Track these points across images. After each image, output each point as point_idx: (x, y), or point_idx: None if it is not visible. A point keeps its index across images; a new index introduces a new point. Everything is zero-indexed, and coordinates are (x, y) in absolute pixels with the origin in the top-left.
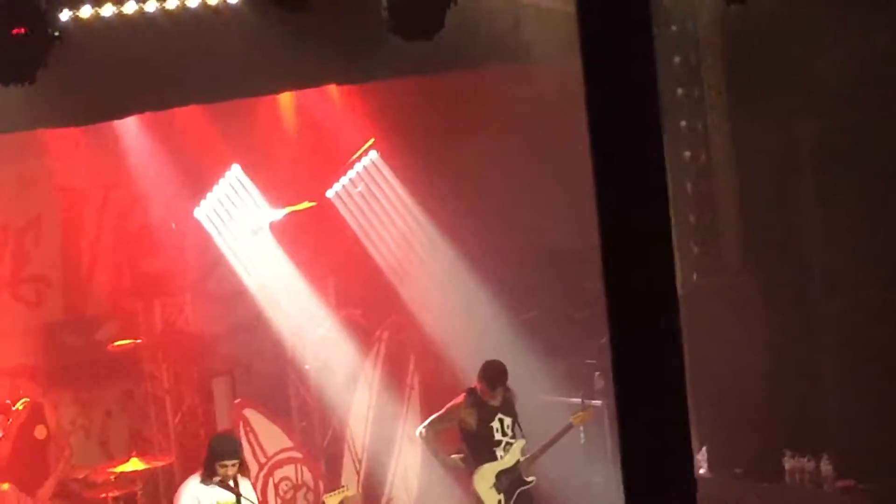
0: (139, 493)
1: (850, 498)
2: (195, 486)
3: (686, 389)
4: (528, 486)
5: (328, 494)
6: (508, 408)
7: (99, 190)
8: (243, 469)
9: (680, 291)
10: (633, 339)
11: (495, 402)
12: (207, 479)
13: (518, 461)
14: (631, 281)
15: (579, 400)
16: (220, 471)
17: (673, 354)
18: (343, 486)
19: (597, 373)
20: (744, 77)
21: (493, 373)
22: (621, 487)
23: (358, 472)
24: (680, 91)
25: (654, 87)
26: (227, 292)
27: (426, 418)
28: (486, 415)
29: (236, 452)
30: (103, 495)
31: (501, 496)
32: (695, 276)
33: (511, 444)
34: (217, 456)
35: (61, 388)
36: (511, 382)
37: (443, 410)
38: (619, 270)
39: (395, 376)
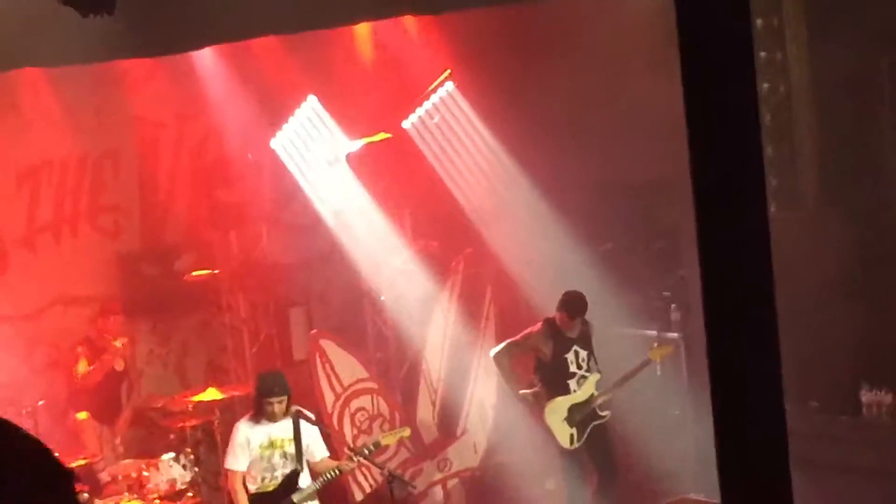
0: (216, 422)
1: None
2: (245, 427)
3: (777, 323)
4: (602, 421)
5: (385, 434)
6: (585, 341)
7: (175, 121)
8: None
9: None
10: (723, 272)
11: (572, 334)
12: (256, 417)
13: (592, 395)
14: (722, 214)
15: (655, 333)
16: (268, 408)
17: (764, 287)
18: (402, 427)
19: (672, 305)
20: (823, 7)
21: (574, 303)
22: (698, 420)
23: (433, 403)
24: (759, 22)
25: (747, 18)
26: (304, 223)
27: None
28: (561, 345)
29: (282, 389)
30: (181, 424)
31: (574, 430)
32: (773, 209)
33: (585, 377)
34: (263, 393)
35: (139, 318)
36: (587, 315)
37: (519, 336)
38: (709, 203)
39: (471, 308)
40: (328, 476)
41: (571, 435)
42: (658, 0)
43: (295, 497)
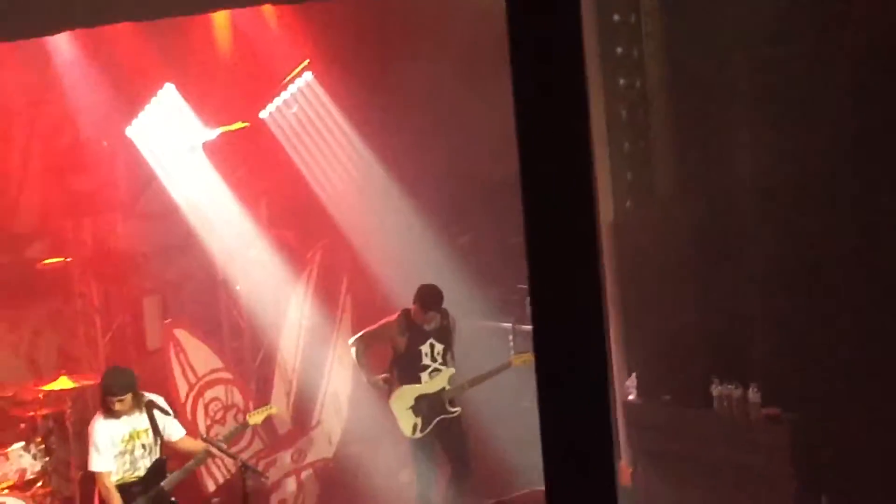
0: (68, 411)
1: (774, 425)
2: (103, 425)
3: (605, 326)
4: (450, 416)
5: (252, 412)
6: (444, 335)
7: (28, 107)
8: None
9: (614, 220)
10: (550, 276)
11: (428, 327)
12: (108, 414)
13: (443, 388)
14: (550, 217)
15: (510, 325)
16: (110, 406)
17: (592, 292)
18: (268, 405)
19: (528, 298)
20: (680, 3)
21: (427, 296)
22: None
23: (288, 394)
24: (616, 17)
25: (576, 16)
26: (159, 212)
27: None
28: (416, 337)
29: (122, 388)
30: (31, 413)
31: (418, 420)
32: (629, 204)
33: (439, 370)
34: (104, 391)
35: None
36: (444, 306)
37: (376, 325)
38: (537, 201)
39: (327, 299)
40: (199, 458)
41: (415, 424)
42: None
43: (164, 483)
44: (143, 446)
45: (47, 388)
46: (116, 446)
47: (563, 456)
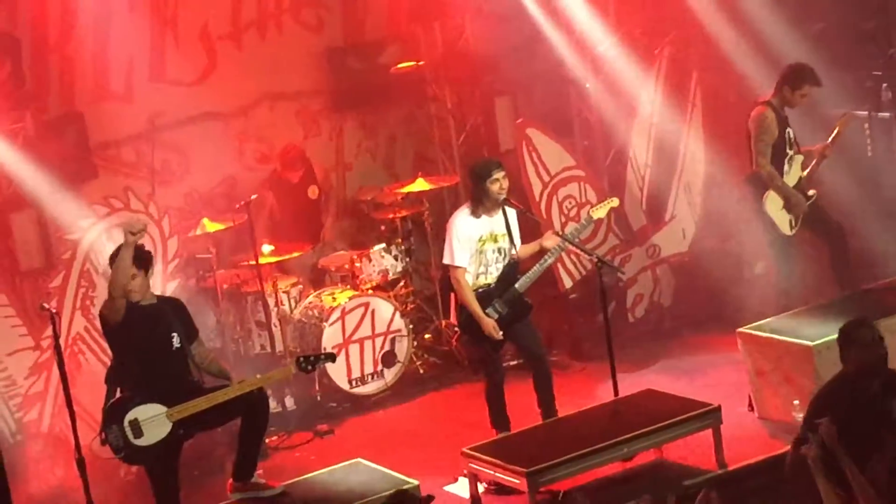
0: (426, 212)
1: None
2: (465, 221)
3: None
4: (811, 201)
5: (595, 207)
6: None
7: None
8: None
9: None
10: None
11: (786, 112)
12: (474, 210)
13: (800, 178)
14: None
15: (866, 113)
16: (493, 186)
17: None
18: (610, 198)
19: (884, 85)
20: None
21: (802, 73)
22: None
23: (641, 190)
24: None
25: None
26: (507, 12)
27: (708, 136)
28: (782, 123)
29: (500, 164)
30: (391, 216)
31: (791, 216)
32: None
33: (794, 158)
34: (484, 174)
35: (346, 112)
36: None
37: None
38: None
39: (676, 94)
40: (548, 259)
41: (790, 221)
42: None
43: (517, 285)
44: (499, 250)
45: (405, 190)
46: (473, 244)
47: None
